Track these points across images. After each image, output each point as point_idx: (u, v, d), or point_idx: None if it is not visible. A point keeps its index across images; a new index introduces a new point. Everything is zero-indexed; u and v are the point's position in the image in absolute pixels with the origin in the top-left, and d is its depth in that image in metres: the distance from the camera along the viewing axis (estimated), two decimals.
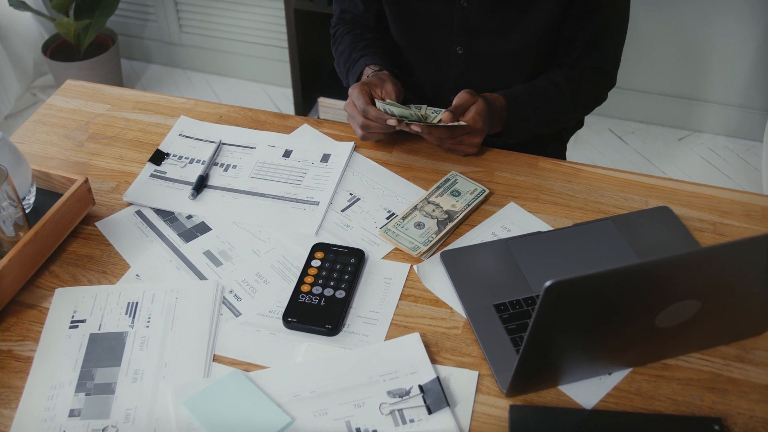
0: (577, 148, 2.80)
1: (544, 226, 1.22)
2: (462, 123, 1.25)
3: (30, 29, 2.97)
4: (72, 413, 0.96)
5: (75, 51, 2.88)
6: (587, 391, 0.99)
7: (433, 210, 1.23)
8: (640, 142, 2.83)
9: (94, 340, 1.05)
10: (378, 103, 1.27)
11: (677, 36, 2.67)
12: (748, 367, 1.02)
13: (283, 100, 3.06)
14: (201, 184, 1.30)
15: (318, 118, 1.44)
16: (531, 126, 1.40)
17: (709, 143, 2.83)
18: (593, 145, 2.82)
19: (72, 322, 1.07)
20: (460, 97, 1.29)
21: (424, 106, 1.31)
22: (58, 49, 2.91)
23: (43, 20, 2.99)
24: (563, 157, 1.63)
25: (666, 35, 2.67)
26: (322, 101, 2.74)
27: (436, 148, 1.37)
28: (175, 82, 3.18)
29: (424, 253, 1.17)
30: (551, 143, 1.59)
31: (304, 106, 2.83)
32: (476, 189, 1.27)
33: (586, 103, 1.48)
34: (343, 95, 2.73)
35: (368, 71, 1.40)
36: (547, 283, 0.77)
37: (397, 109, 1.25)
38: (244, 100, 3.04)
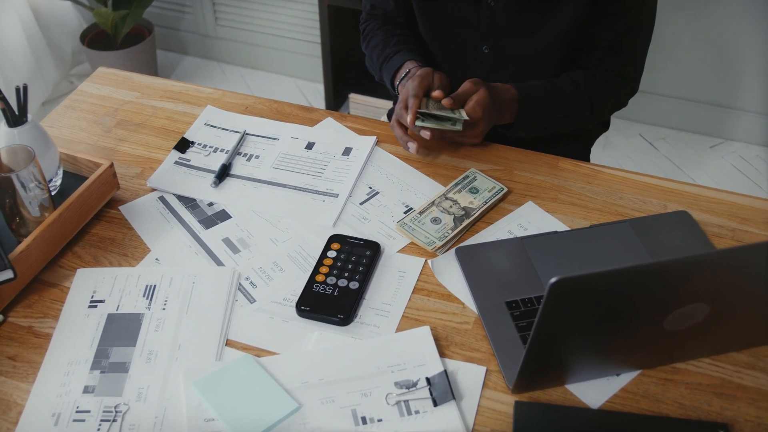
0: (606, 153, 2.78)
1: (561, 226, 1.23)
2: (464, 115, 1.26)
3: (69, 18, 3.03)
4: (86, 389, 0.99)
5: (112, 40, 2.93)
6: (594, 391, 0.99)
7: (451, 206, 1.24)
8: (671, 149, 2.81)
9: (112, 320, 1.07)
10: (417, 121, 1.27)
11: (711, 42, 2.63)
12: (759, 375, 1.01)
13: (315, 95, 3.09)
14: (223, 173, 1.32)
15: (348, 113, 1.45)
16: (543, 121, 1.39)
17: (741, 152, 2.79)
18: (623, 150, 2.80)
19: (91, 301, 1.10)
20: (462, 86, 1.30)
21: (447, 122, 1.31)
22: (95, 39, 2.97)
23: (82, 10, 3.05)
24: (586, 160, 1.63)
25: (699, 41, 2.65)
26: (353, 97, 2.76)
27: (458, 145, 1.37)
28: (209, 75, 3.21)
29: (439, 248, 1.18)
30: (574, 146, 1.58)
31: (335, 101, 2.85)
32: (494, 187, 1.27)
33: (604, 106, 1.45)
34: (374, 92, 2.76)
35: (410, 65, 1.40)
36: (552, 280, 0.77)
37: (430, 123, 1.26)
38: (277, 94, 3.07)
